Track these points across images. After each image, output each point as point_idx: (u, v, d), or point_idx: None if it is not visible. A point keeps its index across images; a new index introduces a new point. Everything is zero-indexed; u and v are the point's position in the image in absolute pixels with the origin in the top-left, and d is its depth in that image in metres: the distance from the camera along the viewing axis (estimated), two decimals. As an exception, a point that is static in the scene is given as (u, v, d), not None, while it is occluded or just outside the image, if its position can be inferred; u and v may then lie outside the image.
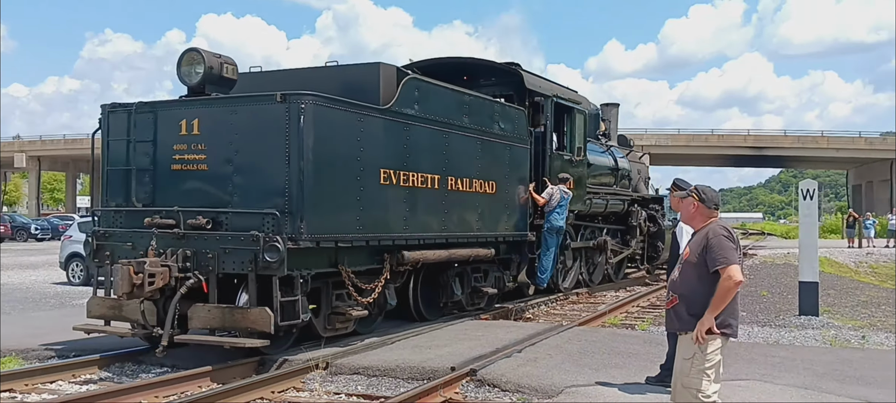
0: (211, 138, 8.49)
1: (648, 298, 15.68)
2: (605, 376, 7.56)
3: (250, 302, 8.01)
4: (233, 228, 8.22)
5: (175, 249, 8.22)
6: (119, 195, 9.13)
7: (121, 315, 8.71)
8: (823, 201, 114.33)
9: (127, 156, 9.01)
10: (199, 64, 8.71)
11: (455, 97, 10.81)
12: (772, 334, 10.90)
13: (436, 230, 10.27)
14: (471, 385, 7.38)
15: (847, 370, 8.13)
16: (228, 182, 8.40)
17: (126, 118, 9.04)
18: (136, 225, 8.74)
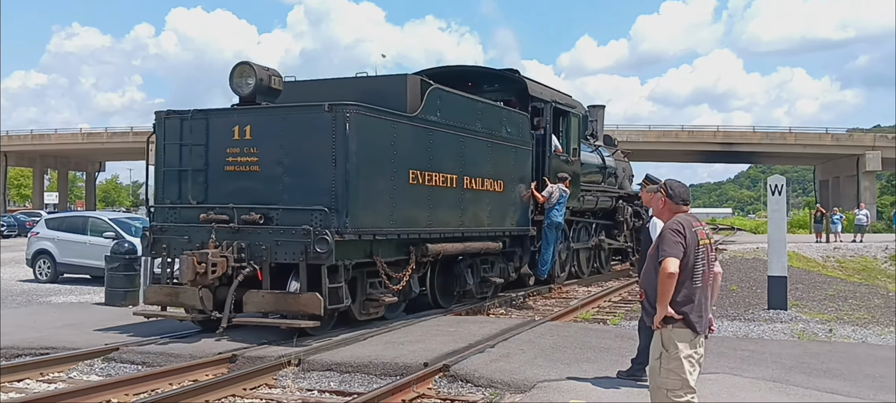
0: (262, 143, 9.46)
1: (620, 293, 15.79)
2: (577, 370, 7.61)
3: (301, 288, 8.93)
4: (283, 223, 9.17)
5: (230, 241, 9.24)
6: (173, 194, 10.03)
7: (177, 301, 9.68)
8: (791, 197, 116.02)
9: (180, 158, 9.92)
10: (250, 76, 9.66)
11: (470, 105, 11.95)
12: (741, 328, 11.03)
13: (453, 225, 11.35)
14: (443, 381, 7.39)
15: (814, 363, 8.25)
16: (279, 182, 9.34)
17: (179, 124, 9.97)
18: (189, 221, 9.71)
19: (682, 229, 4.74)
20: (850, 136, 67.29)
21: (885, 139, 65.05)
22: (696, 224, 4.84)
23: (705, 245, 4.79)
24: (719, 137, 65.66)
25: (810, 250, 30.45)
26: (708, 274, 4.81)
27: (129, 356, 8.44)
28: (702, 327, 4.78)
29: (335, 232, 8.89)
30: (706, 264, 4.78)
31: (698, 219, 4.94)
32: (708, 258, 4.80)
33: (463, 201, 11.55)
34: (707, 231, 4.92)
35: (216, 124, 9.76)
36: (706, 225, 5.02)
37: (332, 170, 9.09)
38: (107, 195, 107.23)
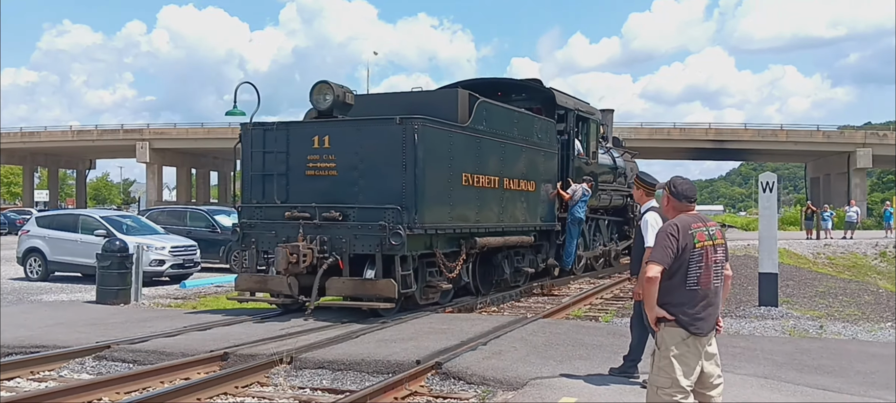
0: (340, 150, 10.90)
1: (612, 290, 15.83)
2: (570, 367, 7.62)
3: (376, 275, 10.44)
4: (359, 219, 10.66)
5: (314, 235, 10.70)
6: (258, 194, 11.50)
7: (266, 287, 11.31)
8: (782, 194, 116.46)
9: (264, 164, 11.40)
10: (328, 93, 11.14)
11: (509, 114, 13.40)
12: (732, 324, 11.07)
13: (495, 221, 12.75)
14: (436, 378, 7.39)
15: (805, 359, 8.29)
16: (354, 184, 10.79)
17: (262, 134, 11.48)
18: (274, 218, 11.21)
19: (676, 232, 4.68)
20: (841, 133, 67.45)
21: (875, 137, 65.29)
22: (696, 225, 4.73)
23: (704, 247, 4.66)
24: (711, 135, 65.76)
25: (801, 247, 30.57)
26: (707, 276, 4.67)
27: (121, 354, 8.41)
28: (698, 328, 4.67)
29: (406, 227, 10.35)
30: (704, 266, 4.67)
31: (704, 218, 4.83)
32: (707, 259, 4.68)
33: (503, 200, 12.99)
34: (711, 232, 4.75)
35: (296, 134, 11.28)
36: (713, 225, 4.79)
37: (403, 174, 10.52)
38: (97, 193, 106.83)
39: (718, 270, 4.75)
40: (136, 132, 71.31)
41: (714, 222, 4.88)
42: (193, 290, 16.13)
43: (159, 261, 17.04)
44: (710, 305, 4.73)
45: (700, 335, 4.69)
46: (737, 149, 69.70)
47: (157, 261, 16.98)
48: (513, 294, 13.94)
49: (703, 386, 4.79)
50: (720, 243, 4.77)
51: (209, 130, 70.33)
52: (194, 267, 18.21)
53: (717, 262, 4.74)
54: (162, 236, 18.24)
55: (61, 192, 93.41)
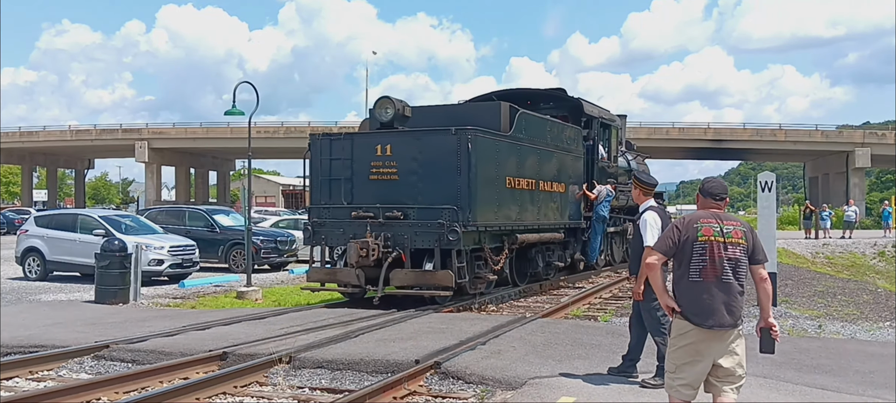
0: (400, 157, 12.20)
1: (610, 290, 15.83)
2: (569, 367, 7.62)
3: (435, 267, 11.83)
4: (419, 218, 12.00)
5: (378, 233, 11.98)
6: (325, 197, 12.81)
7: (335, 279, 12.69)
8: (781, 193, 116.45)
9: (330, 169, 12.69)
10: (389, 107, 12.49)
11: (543, 123, 14.76)
12: (731, 324, 11.06)
13: (532, 220, 14.08)
14: (435, 378, 7.38)
15: (804, 359, 8.29)
16: (414, 187, 12.09)
17: (329, 143, 12.81)
18: (340, 217, 12.53)
19: (681, 226, 4.85)
20: (839, 133, 67.46)
21: (874, 136, 65.33)
22: (706, 220, 4.80)
23: (709, 241, 4.73)
24: (710, 135, 65.78)
25: (800, 246, 30.59)
26: (711, 271, 4.73)
27: (119, 353, 8.41)
28: (700, 320, 4.73)
29: (461, 225, 11.64)
30: (707, 259, 4.72)
31: (726, 217, 4.86)
32: (712, 254, 4.72)
33: (538, 200, 14.30)
34: (725, 229, 4.78)
35: (360, 144, 12.62)
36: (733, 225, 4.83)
37: (458, 178, 11.81)
38: (96, 193, 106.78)
39: (730, 266, 4.73)
40: (135, 132, 71.27)
41: (739, 221, 4.90)
42: (192, 290, 16.13)
43: (158, 261, 17.03)
44: (715, 299, 4.73)
45: (702, 328, 4.74)
46: (735, 148, 69.71)
47: (156, 261, 16.97)
48: (513, 294, 14.05)
49: (718, 379, 4.83)
50: (736, 241, 4.76)
51: (208, 129, 70.31)
52: (193, 267, 18.20)
53: (730, 259, 4.74)
54: (161, 236, 18.23)
55: (60, 191, 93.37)
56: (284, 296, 14.72)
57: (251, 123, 16.06)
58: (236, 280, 17.70)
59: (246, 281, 15.25)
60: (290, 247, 21.81)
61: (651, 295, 7.04)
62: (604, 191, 16.75)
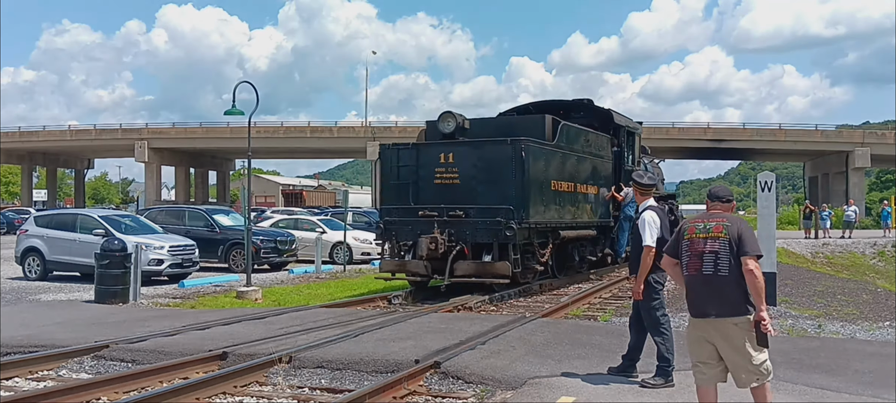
0: (461, 164, 13.94)
1: (610, 289, 15.83)
2: (568, 367, 7.62)
3: (494, 259, 13.45)
4: (478, 216, 13.65)
5: (443, 229, 13.61)
6: (394, 199, 14.55)
7: (404, 270, 14.23)
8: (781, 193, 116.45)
9: (398, 175, 14.44)
10: (451, 121, 14.39)
11: (580, 132, 16.51)
12: (731, 324, 11.05)
13: (571, 218, 15.79)
14: (435, 378, 7.38)
15: (804, 358, 8.29)
16: (474, 190, 13.81)
17: (397, 152, 14.59)
18: (408, 216, 14.17)
19: (679, 229, 5.49)
20: (839, 132, 67.51)
21: (874, 136, 65.36)
22: (695, 220, 5.40)
23: (690, 239, 5.30)
24: (709, 134, 65.79)
25: (799, 246, 30.58)
26: (694, 264, 5.27)
27: (119, 353, 8.41)
28: (694, 311, 5.33)
29: (516, 223, 13.30)
30: (690, 255, 5.29)
31: (713, 216, 5.35)
32: (693, 249, 5.27)
33: (576, 201, 16.00)
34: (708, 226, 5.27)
35: (425, 153, 14.35)
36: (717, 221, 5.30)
37: (513, 182, 13.48)
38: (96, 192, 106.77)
39: (710, 259, 5.18)
40: (135, 132, 71.29)
41: (725, 218, 5.31)
42: (192, 289, 16.13)
43: (158, 260, 17.03)
44: (699, 290, 5.25)
45: (694, 317, 5.34)
46: (735, 148, 69.71)
47: (156, 260, 16.97)
48: (513, 293, 14.05)
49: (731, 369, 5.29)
50: (715, 235, 5.20)
51: (208, 129, 70.33)
52: (193, 267, 18.20)
53: (709, 252, 5.19)
54: (160, 236, 18.22)
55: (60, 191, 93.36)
56: (284, 296, 14.72)
57: (251, 123, 16.06)
58: (236, 280, 17.70)
59: (246, 281, 15.25)
60: (290, 247, 21.81)
61: (651, 295, 7.05)
62: (630, 193, 17.59)
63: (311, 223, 26.22)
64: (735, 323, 5.11)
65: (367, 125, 71.45)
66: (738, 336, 5.12)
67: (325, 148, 76.04)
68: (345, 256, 22.81)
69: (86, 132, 72.71)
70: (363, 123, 73.56)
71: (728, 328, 5.13)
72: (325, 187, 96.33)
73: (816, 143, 64.60)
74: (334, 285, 17.09)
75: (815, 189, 71.40)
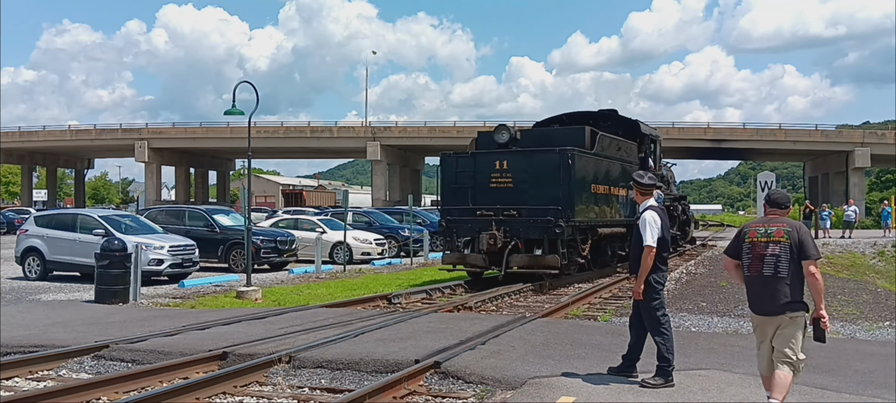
0: (514, 170, 16.00)
1: (610, 289, 15.83)
2: (568, 367, 7.62)
3: (544, 252, 15.51)
4: (530, 216, 15.67)
5: (498, 226, 15.70)
6: (454, 200, 16.66)
7: (463, 262, 16.37)
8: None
9: (457, 179, 16.63)
10: (505, 133, 16.58)
11: (613, 141, 18.64)
12: (731, 324, 11.07)
13: (606, 217, 17.79)
14: (435, 378, 7.38)
15: (803, 358, 8.28)
16: (525, 193, 15.80)
17: (456, 160, 16.84)
18: (466, 215, 16.36)
19: (739, 232, 5.98)
20: (839, 132, 67.44)
21: (874, 136, 65.33)
22: (755, 225, 5.84)
23: (752, 242, 5.72)
24: (710, 134, 65.75)
25: (799, 246, 30.51)
26: (755, 265, 5.68)
27: (119, 353, 8.41)
28: (754, 308, 5.80)
29: (563, 221, 15.22)
30: (752, 257, 5.70)
31: (774, 221, 5.73)
32: (754, 252, 5.68)
33: (610, 202, 18.03)
34: (769, 231, 5.68)
35: (481, 160, 16.45)
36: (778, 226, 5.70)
37: (560, 185, 15.35)
38: (96, 192, 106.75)
39: (771, 261, 5.61)
40: (135, 132, 71.27)
41: (786, 223, 5.73)
42: (192, 289, 16.12)
43: (158, 260, 17.03)
44: (759, 289, 5.69)
45: (755, 313, 5.81)
46: (735, 148, 69.69)
47: (156, 260, 16.97)
48: (511, 293, 14.08)
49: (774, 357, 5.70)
50: (777, 239, 5.62)
51: (208, 129, 70.33)
52: (193, 267, 18.20)
53: (770, 255, 5.61)
54: (160, 236, 18.22)
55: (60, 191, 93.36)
56: (284, 296, 14.72)
57: (251, 123, 16.05)
58: (236, 280, 17.70)
59: (246, 281, 15.25)
60: (290, 247, 21.80)
61: (651, 295, 7.05)
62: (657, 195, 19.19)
63: (311, 223, 26.22)
64: (791, 317, 5.58)
65: (367, 125, 71.49)
66: (790, 330, 5.62)
67: (325, 148, 76.05)
68: (345, 256, 22.80)
69: (86, 132, 72.70)
70: (363, 123, 73.60)
71: (784, 323, 5.61)
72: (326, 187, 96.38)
73: (816, 143, 64.57)
74: (334, 285, 17.09)
75: (815, 189, 71.40)
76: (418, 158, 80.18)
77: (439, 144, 72.88)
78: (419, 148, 74.40)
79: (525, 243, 15.73)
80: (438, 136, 69.71)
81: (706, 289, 15.29)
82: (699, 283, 16.57)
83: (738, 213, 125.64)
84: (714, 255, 24.28)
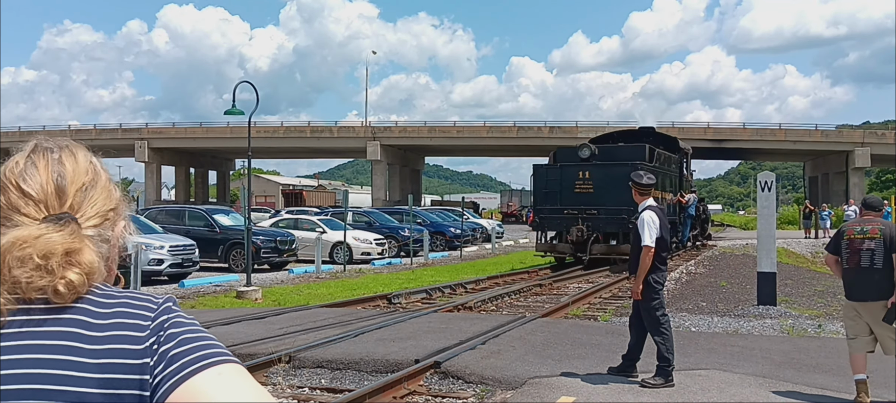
0: (595, 179, 20.23)
1: (610, 289, 15.83)
2: (568, 367, 7.63)
3: (618, 243, 19.34)
4: (607, 214, 19.73)
5: (582, 223, 19.97)
6: (545, 201, 21.11)
7: (553, 250, 21.01)
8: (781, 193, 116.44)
9: (547, 184, 21.05)
10: (587, 150, 20.65)
11: (663, 155, 22.82)
12: (731, 323, 11.07)
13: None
14: (435, 378, 7.39)
15: (804, 358, 8.29)
16: (603, 196, 19.73)
17: (546, 170, 21.34)
18: (555, 213, 20.78)
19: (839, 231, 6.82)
20: (839, 132, 67.43)
21: (874, 136, 65.32)
22: (853, 224, 6.69)
23: (850, 239, 6.53)
24: (710, 134, 65.73)
25: (799, 246, 30.58)
26: (853, 259, 6.46)
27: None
28: (854, 296, 6.51)
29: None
30: (850, 251, 6.48)
31: (870, 221, 6.58)
32: (852, 247, 6.48)
33: (661, 203, 19.00)
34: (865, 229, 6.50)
35: (567, 170, 20.74)
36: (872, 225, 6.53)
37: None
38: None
39: (867, 255, 6.41)
40: (135, 131, 71.31)
41: (881, 222, 6.60)
42: (192, 289, 16.12)
43: (158, 260, 17.02)
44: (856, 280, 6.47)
45: (851, 300, 6.54)
46: (736, 148, 69.68)
47: (156, 260, 16.96)
48: (511, 293, 14.12)
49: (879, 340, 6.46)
50: (872, 236, 6.44)
51: (208, 129, 70.36)
52: (193, 266, 18.20)
53: (867, 249, 6.41)
54: (160, 236, 18.21)
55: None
56: (284, 296, 14.72)
57: (251, 123, 16.06)
58: (236, 280, 17.70)
59: (245, 281, 15.25)
60: (290, 247, 21.81)
61: (650, 295, 7.06)
62: (692, 198, 25.89)
63: (311, 223, 26.22)
64: (885, 304, 6.29)
65: (368, 125, 71.49)
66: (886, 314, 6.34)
67: (325, 148, 76.07)
68: (345, 256, 22.80)
69: (86, 132, 72.63)
70: (363, 122, 73.59)
71: (879, 308, 6.33)
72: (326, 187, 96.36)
73: (816, 143, 64.55)
74: (334, 285, 17.09)
75: (815, 189, 71.35)
76: (418, 158, 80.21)
77: (439, 144, 73.04)
78: (419, 148, 74.43)
79: (604, 235, 20.02)
80: (438, 136, 69.72)
81: (706, 289, 15.28)
82: (699, 283, 16.58)
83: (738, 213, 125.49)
84: (714, 255, 24.29)
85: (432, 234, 29.03)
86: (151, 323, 1.03)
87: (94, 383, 0.95)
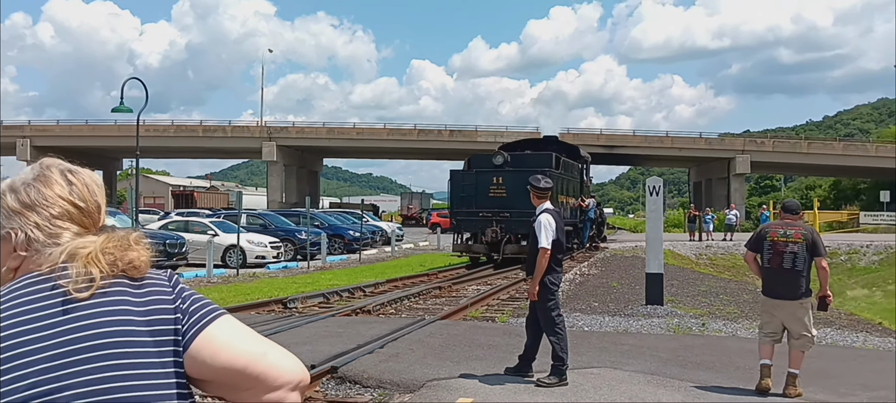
0: (507, 184, 21.22)
1: (508, 291, 16.06)
2: (466, 368, 7.69)
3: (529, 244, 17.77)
4: (518, 217, 19.30)
5: (496, 225, 21.17)
6: (462, 205, 22.30)
7: (469, 251, 22.31)
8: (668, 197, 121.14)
9: (463, 189, 22.33)
10: (501, 157, 21.92)
11: (566, 163, 24.95)
12: (621, 323, 11.42)
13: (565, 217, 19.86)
14: (332, 383, 7.30)
15: (689, 355, 8.64)
16: (514, 200, 20.00)
17: (462, 175, 22.84)
18: (471, 217, 21.97)
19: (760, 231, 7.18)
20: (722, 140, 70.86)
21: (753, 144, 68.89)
22: (775, 226, 7.09)
23: (773, 241, 6.88)
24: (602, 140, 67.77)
25: (684, 248, 31.88)
26: (774, 259, 6.85)
27: None
28: (772, 294, 6.97)
29: None
30: (773, 253, 6.86)
31: (792, 225, 6.96)
32: (775, 249, 6.85)
33: (564, 207, 22.56)
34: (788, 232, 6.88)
35: (481, 176, 21.92)
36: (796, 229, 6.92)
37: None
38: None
39: (789, 257, 6.79)
40: (17, 129, 67.55)
41: (802, 227, 7.00)
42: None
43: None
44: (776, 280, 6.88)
45: (768, 298, 7.01)
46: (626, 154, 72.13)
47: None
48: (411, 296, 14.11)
49: (791, 338, 6.91)
50: (796, 240, 6.82)
51: (94, 127, 67.41)
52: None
53: (790, 252, 6.79)
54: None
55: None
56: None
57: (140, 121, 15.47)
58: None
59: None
60: (180, 250, 21.10)
61: (546, 296, 7.20)
62: (592, 202, 28.13)
63: (202, 225, 25.44)
64: (801, 303, 6.82)
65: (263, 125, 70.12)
66: (802, 312, 6.84)
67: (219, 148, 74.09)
68: (238, 259, 22.24)
69: (-42, 128, 68.27)
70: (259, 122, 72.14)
71: (795, 307, 6.83)
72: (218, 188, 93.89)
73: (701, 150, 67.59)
74: (227, 289, 16.64)
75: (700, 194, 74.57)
76: (316, 159, 79.24)
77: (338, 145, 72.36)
78: (317, 149, 73.54)
79: (515, 236, 20.91)
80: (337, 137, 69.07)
81: (598, 290, 15.73)
82: (592, 284, 17.04)
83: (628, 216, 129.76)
84: (606, 256, 25.04)
85: (330, 237, 28.70)
86: (172, 288, 1.40)
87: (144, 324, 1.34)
